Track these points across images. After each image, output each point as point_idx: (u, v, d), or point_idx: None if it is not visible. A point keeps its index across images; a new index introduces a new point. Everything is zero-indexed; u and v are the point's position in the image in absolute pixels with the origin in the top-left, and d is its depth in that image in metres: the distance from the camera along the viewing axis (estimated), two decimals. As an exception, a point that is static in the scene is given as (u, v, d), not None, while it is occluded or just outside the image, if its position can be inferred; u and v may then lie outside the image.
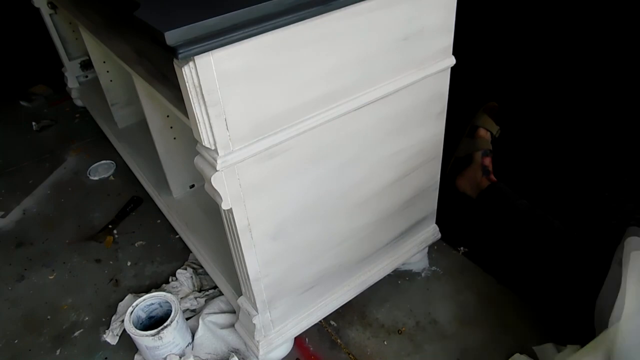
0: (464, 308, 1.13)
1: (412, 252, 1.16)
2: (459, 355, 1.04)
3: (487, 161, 1.34)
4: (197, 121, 0.66)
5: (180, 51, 0.56)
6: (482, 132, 1.42)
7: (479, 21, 1.64)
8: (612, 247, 1.05)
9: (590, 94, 1.56)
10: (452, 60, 0.91)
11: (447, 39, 0.87)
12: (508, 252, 1.22)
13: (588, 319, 0.97)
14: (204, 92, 0.62)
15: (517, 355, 1.01)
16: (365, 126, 0.85)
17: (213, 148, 0.68)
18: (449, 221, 1.24)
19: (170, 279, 1.24)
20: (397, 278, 1.21)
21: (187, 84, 0.62)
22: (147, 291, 1.23)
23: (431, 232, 1.19)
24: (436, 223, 1.20)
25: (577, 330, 1.00)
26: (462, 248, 1.28)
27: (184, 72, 0.61)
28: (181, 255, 1.33)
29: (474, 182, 1.31)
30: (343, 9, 0.69)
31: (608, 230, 1.27)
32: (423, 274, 1.22)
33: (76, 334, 1.15)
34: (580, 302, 0.99)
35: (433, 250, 1.27)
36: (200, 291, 1.21)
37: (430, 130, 0.99)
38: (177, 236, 1.37)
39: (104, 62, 1.59)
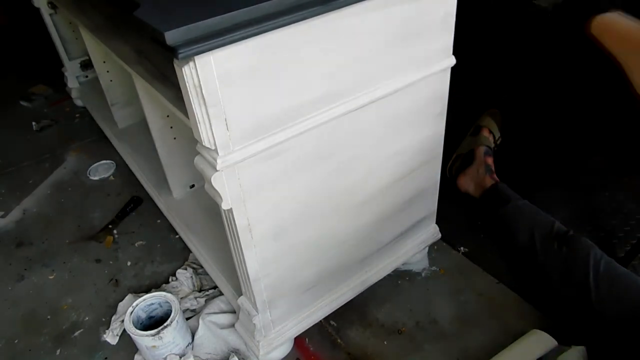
0: (464, 308, 1.13)
1: (412, 252, 1.16)
2: (459, 355, 1.04)
3: (490, 160, 1.34)
4: (197, 121, 0.66)
5: (181, 51, 0.56)
6: (486, 132, 1.42)
7: (480, 21, 1.65)
8: (612, 246, 1.05)
9: (591, 96, 1.56)
10: (452, 60, 0.91)
11: (447, 38, 0.87)
12: (508, 251, 1.22)
13: (589, 318, 0.97)
14: (204, 92, 0.62)
15: (534, 330, 1.01)
16: (365, 126, 0.85)
17: (213, 148, 0.68)
18: (449, 221, 1.24)
19: (170, 279, 1.24)
20: (397, 278, 1.21)
21: (187, 84, 0.62)
22: (147, 291, 1.22)
23: (431, 232, 1.19)
24: (436, 223, 1.20)
25: (577, 330, 1.00)
26: (462, 248, 1.28)
27: (184, 72, 0.61)
28: (181, 255, 1.33)
29: (477, 181, 1.31)
30: (343, 9, 0.69)
31: (608, 230, 1.27)
32: (423, 274, 1.22)
33: (76, 334, 1.15)
34: (580, 302, 0.99)
35: (433, 250, 1.27)
36: (200, 291, 1.21)
37: (430, 130, 0.99)
38: (177, 236, 1.37)
39: (104, 62, 1.59)
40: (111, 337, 1.12)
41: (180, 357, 1.04)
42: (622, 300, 0.91)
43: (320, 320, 1.07)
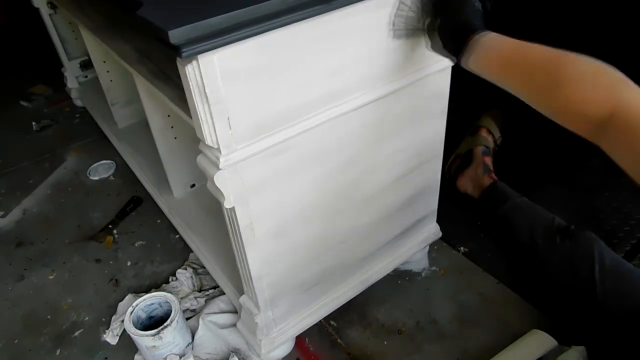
0: (464, 308, 1.13)
1: (413, 251, 1.16)
2: (459, 355, 1.04)
3: (488, 160, 1.34)
4: (200, 120, 0.66)
5: (184, 50, 0.56)
6: (484, 132, 1.42)
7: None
8: (612, 246, 1.05)
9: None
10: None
11: (448, 39, 0.88)
12: (509, 250, 1.23)
13: (592, 313, 0.97)
14: (207, 91, 0.63)
15: (534, 330, 1.01)
16: (367, 125, 0.85)
17: (216, 147, 0.69)
18: (449, 221, 1.24)
19: (170, 279, 1.24)
20: (397, 278, 1.21)
21: (190, 82, 0.62)
22: (147, 291, 1.22)
23: (432, 231, 1.19)
24: (436, 222, 1.20)
25: (577, 329, 1.01)
26: (462, 248, 1.28)
27: (187, 71, 0.61)
28: (181, 255, 1.33)
29: (476, 181, 1.31)
30: (345, 8, 0.69)
31: (608, 230, 1.27)
32: (423, 274, 1.22)
33: (76, 334, 1.15)
34: (580, 302, 0.99)
35: (433, 250, 1.27)
36: (200, 291, 1.21)
37: (431, 129, 0.99)
38: (177, 236, 1.37)
39: (104, 61, 1.59)
40: (111, 337, 1.12)
41: (180, 357, 1.04)
42: (628, 296, 0.90)
43: (320, 320, 1.07)
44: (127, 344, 1.10)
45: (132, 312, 1.03)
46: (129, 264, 1.32)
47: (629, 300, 0.90)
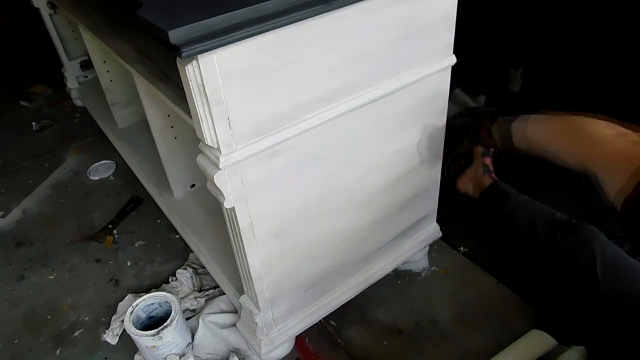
0: (464, 308, 1.13)
1: (413, 251, 1.16)
2: (459, 355, 1.04)
3: (488, 161, 1.34)
4: (200, 120, 0.66)
5: (184, 50, 0.56)
6: (484, 132, 1.42)
7: (480, 20, 1.65)
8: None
9: (590, 95, 1.56)
10: (453, 59, 0.91)
11: (448, 37, 0.88)
12: (508, 251, 1.22)
13: (588, 318, 0.97)
14: (207, 91, 0.63)
15: (534, 330, 1.01)
16: (367, 125, 0.85)
17: (216, 147, 0.69)
18: (449, 221, 1.24)
19: (170, 279, 1.24)
20: (397, 278, 1.21)
21: (190, 82, 0.62)
22: (147, 291, 1.22)
23: (432, 230, 1.19)
24: (436, 222, 1.20)
25: (577, 330, 1.01)
26: (462, 248, 1.28)
27: (187, 71, 0.61)
28: (181, 255, 1.33)
29: (476, 182, 1.31)
30: (344, 8, 0.69)
31: (608, 231, 1.27)
32: (423, 274, 1.22)
33: (76, 334, 1.15)
34: (580, 301, 0.99)
35: (433, 250, 1.27)
36: (200, 291, 1.21)
37: (431, 128, 0.99)
38: (177, 236, 1.37)
39: (104, 62, 1.59)
40: (111, 337, 1.12)
41: (180, 357, 1.04)
42: (629, 290, 0.90)
43: (320, 320, 1.07)
44: (127, 344, 1.10)
45: (132, 312, 1.03)
46: (129, 264, 1.32)
47: (631, 293, 0.89)
